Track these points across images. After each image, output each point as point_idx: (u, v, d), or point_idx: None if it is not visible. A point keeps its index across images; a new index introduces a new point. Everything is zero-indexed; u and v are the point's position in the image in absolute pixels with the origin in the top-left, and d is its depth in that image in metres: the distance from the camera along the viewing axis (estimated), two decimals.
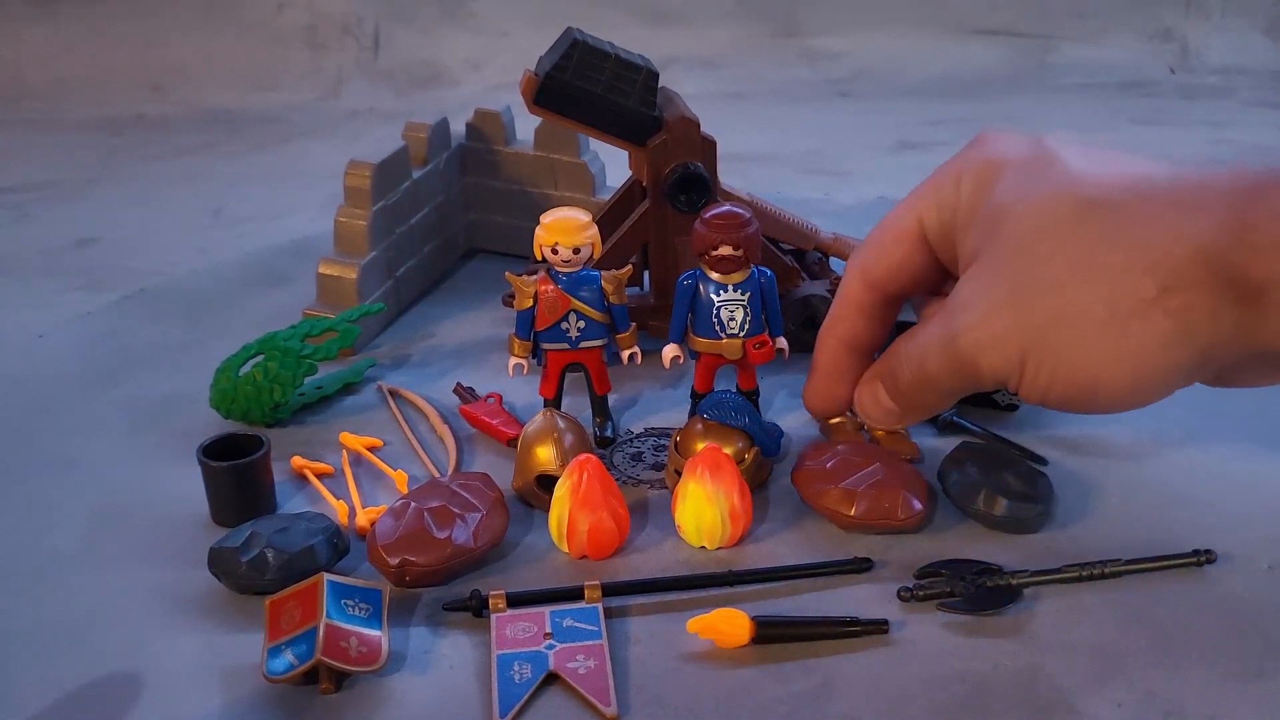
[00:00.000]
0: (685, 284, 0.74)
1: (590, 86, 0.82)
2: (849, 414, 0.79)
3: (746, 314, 0.73)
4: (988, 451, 0.70)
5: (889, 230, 0.61)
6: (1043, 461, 0.73)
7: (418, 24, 1.80)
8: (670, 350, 0.75)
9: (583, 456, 0.66)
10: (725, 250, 0.71)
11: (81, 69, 1.71)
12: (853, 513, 0.66)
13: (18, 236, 1.22)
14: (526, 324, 0.75)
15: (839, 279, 0.90)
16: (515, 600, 0.62)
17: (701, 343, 0.74)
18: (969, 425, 0.77)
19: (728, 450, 0.69)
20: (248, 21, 1.77)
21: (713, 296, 0.73)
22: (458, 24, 1.81)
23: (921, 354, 0.57)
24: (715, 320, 0.73)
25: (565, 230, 0.72)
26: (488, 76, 1.72)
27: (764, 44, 1.82)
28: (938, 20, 1.82)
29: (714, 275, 0.73)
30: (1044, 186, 0.52)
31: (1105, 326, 0.50)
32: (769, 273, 0.74)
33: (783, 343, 0.75)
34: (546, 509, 0.67)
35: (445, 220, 1.03)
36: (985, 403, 0.80)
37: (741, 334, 0.73)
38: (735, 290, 0.73)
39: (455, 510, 0.65)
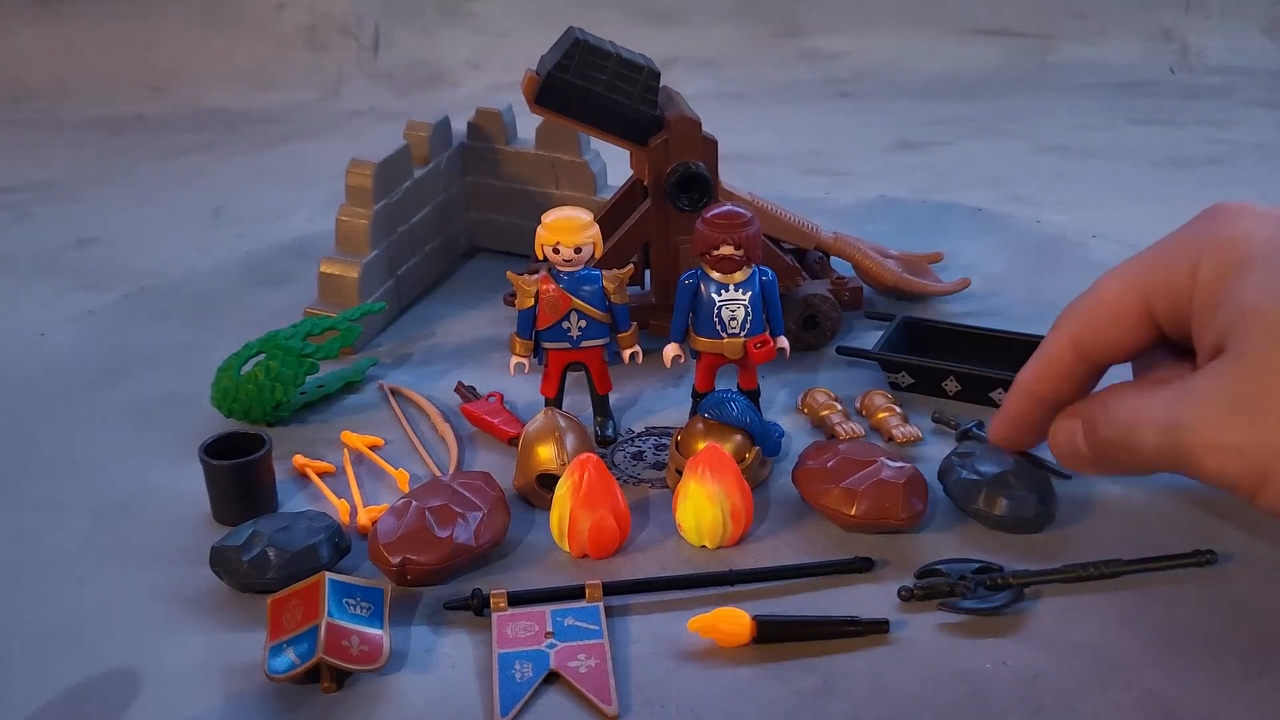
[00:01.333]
0: (686, 283, 0.74)
1: (591, 86, 0.82)
2: (837, 404, 0.79)
3: (748, 313, 0.73)
4: (988, 451, 0.70)
5: (1106, 306, 0.56)
6: (1067, 476, 0.72)
7: (418, 24, 1.80)
8: (671, 349, 0.75)
9: (584, 455, 0.66)
10: (726, 250, 0.71)
11: (81, 69, 1.71)
12: (853, 512, 0.66)
13: (18, 236, 1.22)
14: (528, 323, 0.75)
15: (840, 278, 0.91)
16: (516, 599, 0.62)
17: (703, 342, 0.74)
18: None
19: (728, 449, 0.69)
20: (248, 21, 1.77)
21: (714, 296, 0.73)
22: (458, 24, 1.81)
23: (1134, 424, 0.53)
24: (716, 320, 0.73)
25: (567, 230, 0.72)
26: (488, 76, 1.72)
27: (764, 44, 1.82)
28: (938, 20, 1.82)
29: (715, 275, 0.73)
30: None
31: None
32: (770, 272, 0.74)
33: (784, 342, 0.76)
34: (548, 508, 0.67)
35: (446, 219, 1.03)
36: (984, 402, 0.80)
37: (743, 333, 0.73)
38: (736, 290, 0.73)
39: (456, 509, 0.65)
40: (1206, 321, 0.52)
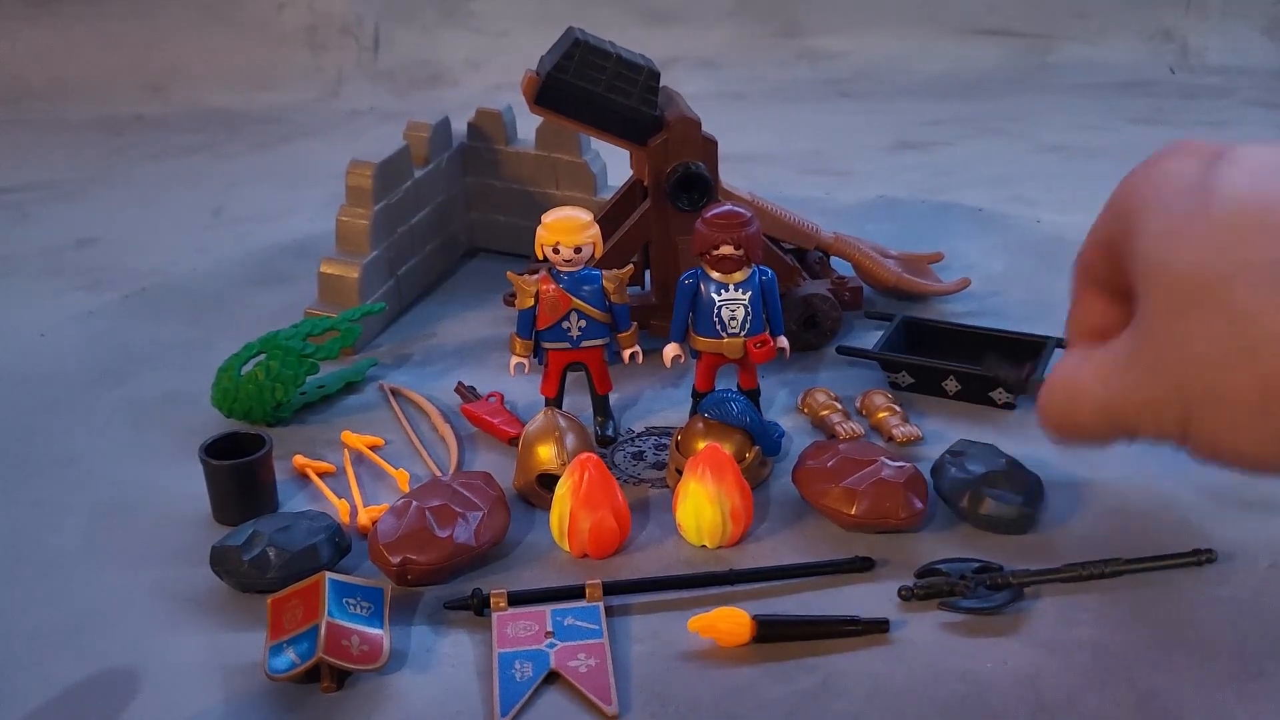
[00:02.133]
0: (686, 283, 0.74)
1: (591, 86, 0.82)
2: (837, 404, 0.79)
3: (748, 313, 0.73)
4: (981, 451, 0.70)
5: (1082, 253, 0.55)
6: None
7: (418, 24, 1.80)
8: (671, 349, 0.75)
9: (584, 455, 0.66)
10: (726, 250, 0.71)
11: (81, 69, 1.71)
12: (853, 512, 0.66)
13: (18, 236, 1.22)
14: (528, 323, 0.75)
15: (840, 278, 0.91)
16: (516, 599, 0.62)
17: (703, 342, 0.74)
18: None
19: (728, 449, 0.69)
20: (248, 21, 1.77)
21: (714, 296, 0.73)
22: (458, 24, 1.81)
23: (1073, 400, 0.53)
24: (716, 319, 0.73)
25: (567, 230, 0.72)
26: (487, 76, 1.72)
27: (764, 44, 1.82)
28: (938, 20, 1.82)
29: (715, 275, 0.73)
30: (1191, 243, 0.47)
31: (1261, 410, 0.46)
32: (770, 272, 0.74)
33: (784, 342, 0.76)
34: (548, 508, 0.67)
35: (446, 219, 1.03)
36: (985, 402, 0.80)
37: (743, 333, 0.73)
38: (736, 290, 0.73)
39: (457, 509, 0.65)
40: (1129, 271, 0.52)
